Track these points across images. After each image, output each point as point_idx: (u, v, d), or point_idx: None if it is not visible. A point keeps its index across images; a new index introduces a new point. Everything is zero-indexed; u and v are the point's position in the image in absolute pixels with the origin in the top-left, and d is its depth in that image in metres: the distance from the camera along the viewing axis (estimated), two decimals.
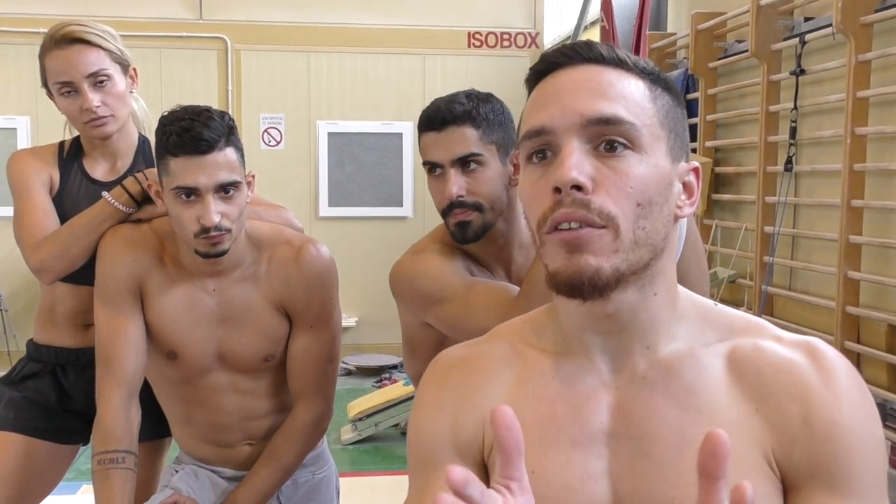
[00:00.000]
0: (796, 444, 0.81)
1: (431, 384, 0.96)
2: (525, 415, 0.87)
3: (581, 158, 0.81)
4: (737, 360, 0.85)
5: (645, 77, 0.86)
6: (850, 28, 3.33)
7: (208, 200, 1.58)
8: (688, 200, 0.87)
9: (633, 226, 0.80)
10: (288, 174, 6.43)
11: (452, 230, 1.52)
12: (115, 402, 1.69)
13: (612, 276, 0.80)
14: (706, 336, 0.88)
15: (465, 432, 0.91)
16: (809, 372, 0.83)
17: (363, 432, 4.70)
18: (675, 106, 0.87)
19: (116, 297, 1.72)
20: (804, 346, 0.86)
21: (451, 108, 1.49)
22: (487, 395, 0.91)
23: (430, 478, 0.91)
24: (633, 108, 0.82)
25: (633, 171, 0.81)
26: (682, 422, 0.83)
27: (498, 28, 6.72)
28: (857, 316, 3.42)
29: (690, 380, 0.85)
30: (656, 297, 0.86)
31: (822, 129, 3.74)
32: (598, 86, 0.83)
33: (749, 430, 0.82)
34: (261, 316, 1.76)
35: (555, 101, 0.83)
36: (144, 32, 6.24)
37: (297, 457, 1.80)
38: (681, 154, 0.87)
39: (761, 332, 0.88)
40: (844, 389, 0.83)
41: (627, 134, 0.81)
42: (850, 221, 3.42)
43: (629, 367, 0.87)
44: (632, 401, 0.86)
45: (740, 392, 0.84)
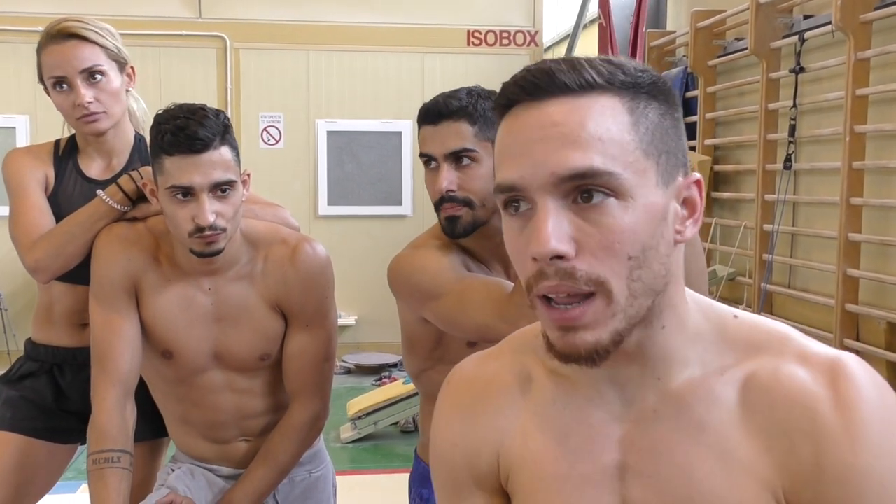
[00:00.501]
0: (807, 486, 0.76)
1: (444, 408, 0.94)
2: (536, 448, 0.86)
3: (558, 222, 0.73)
4: (750, 390, 0.79)
5: (623, 93, 0.75)
6: (850, 26, 3.33)
7: (203, 200, 1.58)
8: (689, 219, 0.79)
9: (627, 281, 0.74)
10: (287, 173, 6.43)
11: (442, 224, 1.53)
12: (110, 402, 1.68)
13: (612, 341, 0.75)
14: (723, 358, 0.82)
15: (481, 464, 0.90)
16: (826, 406, 0.76)
17: (362, 431, 4.70)
18: (662, 118, 0.77)
19: (111, 295, 1.72)
20: (829, 370, 0.78)
21: (448, 103, 1.50)
22: (499, 426, 0.89)
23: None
24: (610, 149, 0.73)
25: (619, 223, 0.73)
26: (691, 458, 0.80)
27: (497, 26, 6.72)
28: (856, 314, 3.43)
29: (701, 414, 0.80)
30: (664, 329, 0.80)
31: (821, 127, 3.74)
32: (568, 131, 0.73)
33: (760, 469, 0.78)
34: (256, 315, 1.75)
35: (522, 153, 0.75)
36: (143, 31, 6.23)
37: (293, 456, 1.80)
38: (676, 171, 0.78)
39: (784, 350, 0.80)
40: (866, 427, 0.75)
41: (607, 184, 0.73)
42: (849, 219, 3.42)
43: (639, 400, 0.83)
44: (643, 436, 0.82)
45: (752, 427, 0.79)
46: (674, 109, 0.80)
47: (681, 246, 0.80)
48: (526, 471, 0.86)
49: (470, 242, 1.56)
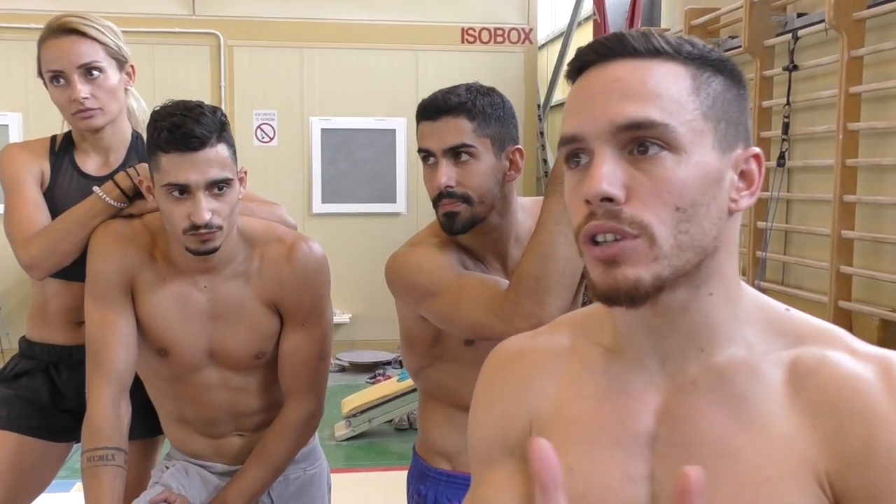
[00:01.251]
0: (854, 468, 0.76)
1: (484, 380, 0.96)
2: (570, 412, 0.87)
3: (612, 167, 0.76)
4: (798, 371, 0.80)
5: (689, 63, 0.79)
6: (843, 24, 3.34)
7: (199, 198, 1.57)
8: (746, 191, 0.81)
9: (674, 230, 0.76)
10: (281, 170, 6.42)
11: (441, 220, 1.52)
12: (104, 399, 1.68)
13: (653, 284, 0.77)
14: (770, 343, 0.83)
15: (514, 430, 0.90)
16: (878, 391, 0.77)
17: (357, 428, 4.70)
18: (726, 90, 0.80)
19: (107, 293, 1.71)
20: (878, 360, 0.79)
21: (448, 99, 1.50)
22: (536, 390, 0.90)
23: (484, 475, 0.92)
24: (668, 105, 0.77)
25: (670, 174, 0.76)
26: (729, 431, 0.80)
27: (491, 24, 6.72)
28: (849, 310, 3.44)
29: (743, 388, 0.80)
30: (711, 297, 0.81)
31: (814, 125, 3.76)
32: (629, 85, 0.78)
33: (802, 446, 0.78)
34: (252, 313, 1.75)
35: (585, 106, 0.79)
36: (137, 28, 6.21)
37: (287, 454, 1.80)
38: (735, 142, 0.80)
39: (833, 342, 0.82)
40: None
41: (662, 136, 0.76)
42: (842, 216, 3.43)
43: (680, 371, 0.83)
44: (679, 405, 0.82)
45: (798, 405, 0.79)
46: (740, 87, 0.83)
47: (736, 216, 0.82)
48: (556, 434, 0.86)
49: (467, 239, 1.56)
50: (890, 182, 3.31)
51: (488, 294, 1.43)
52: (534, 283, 1.37)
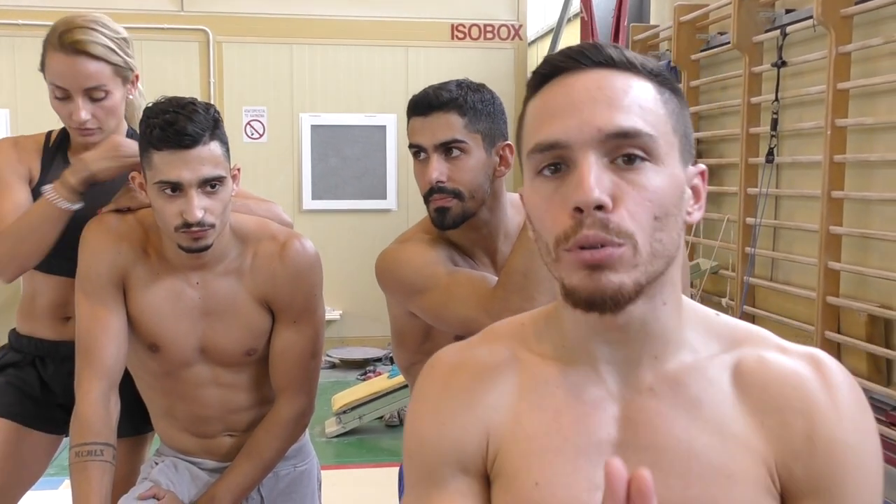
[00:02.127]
0: (798, 459, 0.82)
1: (430, 392, 0.93)
2: (529, 426, 0.87)
3: (600, 174, 0.78)
4: (742, 373, 0.85)
5: (653, 79, 0.83)
6: (831, 20, 3.35)
7: (191, 195, 1.57)
8: (695, 205, 0.85)
9: (651, 238, 0.79)
10: (271, 167, 6.41)
11: (432, 216, 1.53)
12: (94, 394, 1.67)
13: (634, 290, 0.79)
14: (710, 346, 0.87)
15: (469, 446, 0.89)
16: (815, 386, 0.83)
17: (347, 425, 4.70)
18: (682, 108, 0.85)
19: (99, 288, 1.71)
20: (809, 358, 0.86)
21: (439, 95, 1.51)
22: (490, 405, 0.89)
23: (433, 494, 0.90)
24: (649, 117, 0.80)
25: (652, 183, 0.79)
26: (689, 432, 0.83)
27: (481, 20, 6.71)
28: (837, 306, 3.45)
29: (697, 392, 0.84)
30: (665, 306, 0.84)
31: (802, 121, 3.77)
32: (613, 95, 0.80)
33: (754, 443, 0.82)
34: (244, 310, 1.75)
35: (569, 112, 0.80)
36: (125, 24, 6.14)
37: (277, 451, 1.80)
38: (689, 158, 0.85)
39: (765, 343, 0.87)
40: (847, 405, 0.83)
41: (646, 146, 0.79)
42: (830, 212, 3.45)
43: (635, 379, 0.86)
44: (639, 411, 0.85)
45: (746, 405, 0.84)
46: (686, 106, 0.87)
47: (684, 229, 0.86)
48: (516, 448, 0.87)
49: (457, 235, 1.57)
50: (877, 178, 3.33)
51: (477, 290, 1.43)
52: (522, 279, 1.38)
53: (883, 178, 3.30)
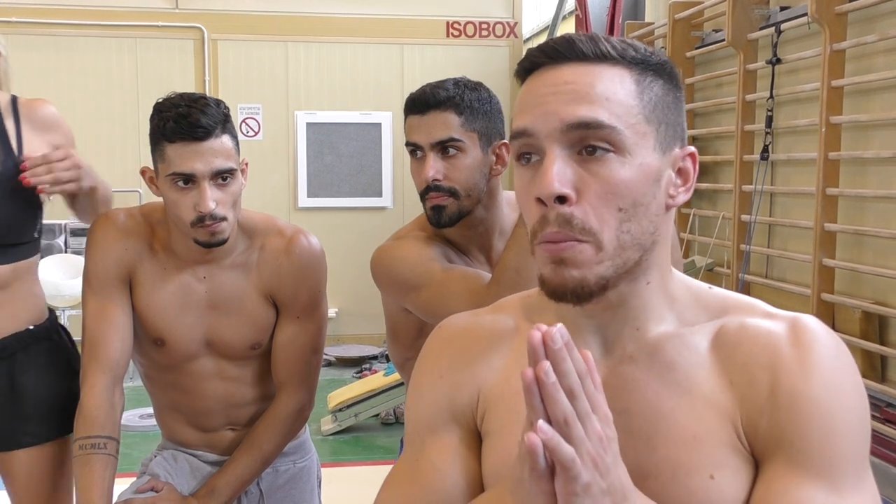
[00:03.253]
0: (763, 414, 0.82)
1: (433, 351, 0.99)
2: (518, 385, 0.89)
3: (562, 167, 0.80)
4: (721, 336, 0.86)
5: (633, 67, 0.84)
6: (825, 17, 3.36)
7: (204, 187, 1.59)
8: (682, 187, 0.86)
9: (617, 232, 0.81)
10: (266, 165, 6.40)
11: (428, 214, 1.54)
12: (98, 388, 1.68)
13: (597, 284, 0.81)
14: (697, 316, 0.89)
15: (462, 399, 0.94)
16: (783, 342, 0.84)
17: (343, 423, 4.70)
18: (666, 93, 0.85)
19: (106, 284, 1.72)
20: (790, 319, 0.86)
21: (436, 93, 1.51)
22: (484, 364, 0.94)
23: (427, 441, 0.95)
24: (615, 108, 0.81)
25: (615, 175, 0.80)
26: (659, 396, 0.85)
27: (476, 17, 6.71)
28: (832, 303, 3.46)
29: (673, 356, 0.86)
30: (649, 285, 0.87)
31: (797, 118, 3.78)
32: (579, 88, 0.82)
33: (723, 403, 0.83)
34: (249, 304, 1.76)
35: (536, 104, 0.83)
36: (120, 22, 6.17)
37: (277, 446, 1.81)
38: (674, 142, 0.85)
39: (752, 310, 0.88)
40: (817, 361, 0.82)
41: (609, 137, 0.80)
42: (825, 209, 3.46)
43: (619, 348, 0.88)
44: (617, 378, 0.87)
45: (719, 366, 0.85)
46: (677, 90, 0.87)
47: (671, 211, 0.87)
48: (504, 405, 0.91)
49: (452, 232, 1.57)
50: (872, 175, 3.34)
51: (471, 287, 1.44)
52: (515, 276, 1.39)
53: (877, 175, 3.30)
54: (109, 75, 6.20)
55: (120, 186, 6.15)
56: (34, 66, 6.11)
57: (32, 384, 1.87)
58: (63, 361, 1.93)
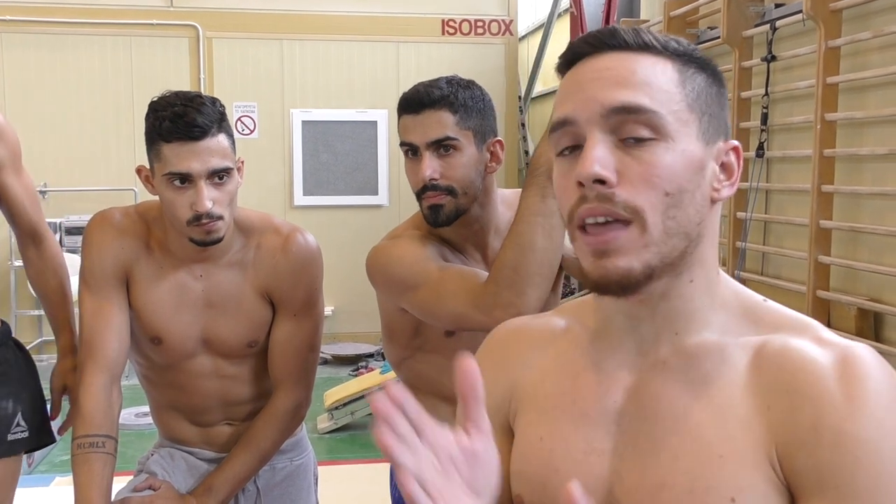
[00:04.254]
0: (802, 449, 0.77)
1: (481, 351, 1.00)
2: (550, 386, 0.91)
3: (604, 151, 0.79)
4: (762, 356, 0.82)
5: (675, 59, 0.83)
6: (820, 14, 3.36)
7: (201, 186, 1.59)
8: (727, 181, 0.84)
9: (663, 216, 0.78)
10: (262, 163, 6.39)
11: (425, 213, 1.53)
12: (96, 387, 1.68)
13: (643, 273, 0.79)
14: (743, 329, 0.84)
15: (497, 395, 0.94)
16: (830, 375, 0.78)
17: (339, 421, 4.70)
18: (709, 86, 0.84)
19: (102, 283, 1.72)
20: (841, 349, 0.80)
21: (430, 92, 1.51)
22: (522, 362, 0.95)
23: None
24: (657, 94, 0.80)
25: (659, 160, 0.78)
26: (689, 408, 0.82)
27: (472, 15, 6.71)
28: (827, 300, 3.47)
29: (709, 369, 0.83)
30: (692, 283, 0.84)
31: (792, 115, 3.78)
32: (620, 73, 0.81)
33: (757, 426, 0.79)
34: (246, 302, 1.77)
35: (576, 91, 0.82)
36: (114, 20, 6.16)
37: (274, 443, 1.81)
38: (717, 135, 0.83)
39: (803, 331, 0.83)
40: (867, 399, 0.76)
41: (651, 122, 0.79)
42: (820, 206, 3.46)
43: (653, 351, 0.86)
44: (648, 383, 0.85)
45: (757, 387, 0.81)
46: (720, 84, 0.86)
47: (717, 207, 0.85)
48: (534, 405, 0.91)
49: (448, 231, 1.57)
50: (867, 172, 3.34)
51: (468, 285, 1.43)
52: (512, 274, 1.38)
53: (872, 173, 3.31)
54: (104, 73, 6.19)
55: (115, 185, 6.15)
56: (28, 64, 6.10)
57: None
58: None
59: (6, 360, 1.86)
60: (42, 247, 1.97)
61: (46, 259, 1.97)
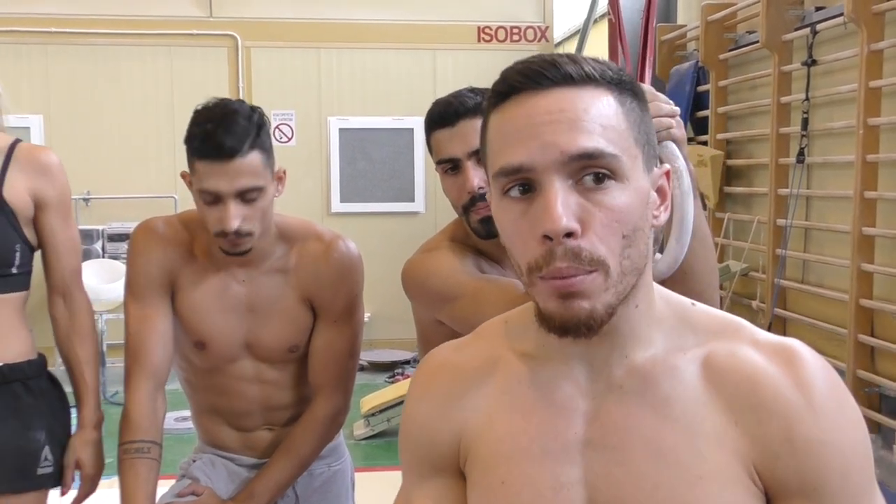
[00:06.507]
0: (779, 460, 0.81)
1: (413, 393, 0.97)
2: (500, 427, 0.89)
3: (566, 199, 0.78)
4: (713, 369, 0.84)
5: (613, 88, 0.81)
6: (862, 17, 3.31)
7: (229, 205, 1.61)
8: (661, 205, 0.85)
9: (620, 258, 0.79)
10: (300, 170, 6.44)
11: (475, 226, 1.49)
12: (142, 393, 1.71)
13: (606, 313, 0.80)
14: (683, 340, 0.86)
15: (441, 447, 0.93)
16: (787, 384, 0.82)
17: (376, 427, 4.71)
18: (642, 111, 0.84)
19: (147, 291, 1.75)
20: (782, 353, 0.84)
21: (463, 102, 1.49)
22: (464, 407, 0.92)
23: (414, 492, 0.96)
24: (611, 135, 0.79)
25: (617, 202, 0.79)
26: (658, 432, 0.83)
27: (508, 22, 6.71)
28: (870, 308, 3.41)
29: (667, 390, 0.84)
30: (637, 308, 0.85)
31: (833, 120, 3.72)
32: (574, 116, 0.78)
33: (728, 441, 0.82)
34: (288, 307, 1.79)
35: (531, 135, 0.79)
36: (154, 31, 6.25)
37: (314, 449, 1.83)
38: (653, 162, 0.84)
39: (738, 335, 0.86)
40: (824, 402, 0.81)
41: (610, 165, 0.78)
42: (863, 213, 3.40)
43: (606, 375, 0.86)
44: (608, 410, 0.85)
45: (719, 403, 0.83)
46: (645, 105, 0.86)
47: (651, 231, 0.85)
48: (485, 449, 0.89)
49: (485, 243, 1.55)
50: None
51: (507, 296, 1.42)
52: None
53: None
54: (145, 83, 6.28)
55: (156, 192, 6.25)
56: (72, 74, 6.21)
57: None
58: (28, 415, 1.81)
59: (41, 392, 1.84)
60: (73, 306, 1.87)
61: (76, 320, 1.87)
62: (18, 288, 1.81)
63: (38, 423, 1.82)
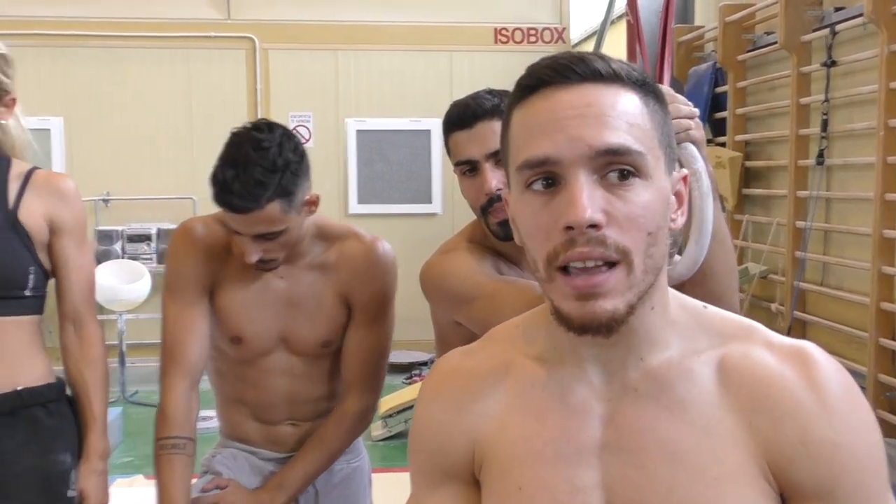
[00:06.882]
0: (794, 462, 0.81)
1: (425, 398, 0.96)
2: (514, 431, 0.88)
3: (592, 192, 0.78)
4: (727, 371, 0.84)
5: (638, 89, 0.82)
6: (882, 17, 3.28)
7: (247, 242, 1.68)
8: (678, 210, 0.86)
9: (644, 256, 0.79)
10: (317, 172, 6.38)
11: (493, 228, 1.50)
12: (178, 390, 1.75)
13: (627, 312, 0.80)
14: (698, 343, 0.87)
15: (454, 454, 0.92)
16: (801, 387, 0.82)
17: (393, 429, 4.72)
18: (665, 114, 0.84)
19: (186, 292, 1.79)
20: (796, 356, 0.84)
21: (480, 104, 1.49)
22: (476, 412, 0.91)
23: (426, 497, 0.95)
24: (637, 133, 0.79)
25: (642, 199, 0.79)
26: (674, 434, 0.83)
27: (524, 24, 6.71)
28: (891, 312, 3.38)
29: (682, 393, 0.84)
30: (653, 310, 0.85)
31: (854, 122, 3.70)
32: (602, 111, 0.79)
33: (743, 443, 0.82)
34: (325, 303, 1.83)
35: (557, 128, 0.79)
36: (172, 33, 6.29)
37: (342, 444, 1.87)
38: (673, 165, 0.85)
39: (751, 337, 0.86)
40: (838, 404, 0.82)
41: (636, 163, 0.79)
42: (884, 215, 3.37)
43: (620, 378, 0.86)
44: (624, 412, 0.85)
45: (733, 405, 0.83)
46: (668, 110, 0.86)
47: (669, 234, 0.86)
48: (500, 453, 0.88)
49: (502, 244, 1.55)
50: None
51: (525, 298, 1.42)
52: None
53: None
54: (163, 85, 6.32)
55: (173, 194, 6.28)
56: (90, 77, 6.26)
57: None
58: (51, 438, 1.78)
59: (61, 414, 1.82)
60: (84, 335, 1.83)
61: (86, 349, 1.83)
62: (32, 311, 1.79)
63: (63, 445, 1.80)
